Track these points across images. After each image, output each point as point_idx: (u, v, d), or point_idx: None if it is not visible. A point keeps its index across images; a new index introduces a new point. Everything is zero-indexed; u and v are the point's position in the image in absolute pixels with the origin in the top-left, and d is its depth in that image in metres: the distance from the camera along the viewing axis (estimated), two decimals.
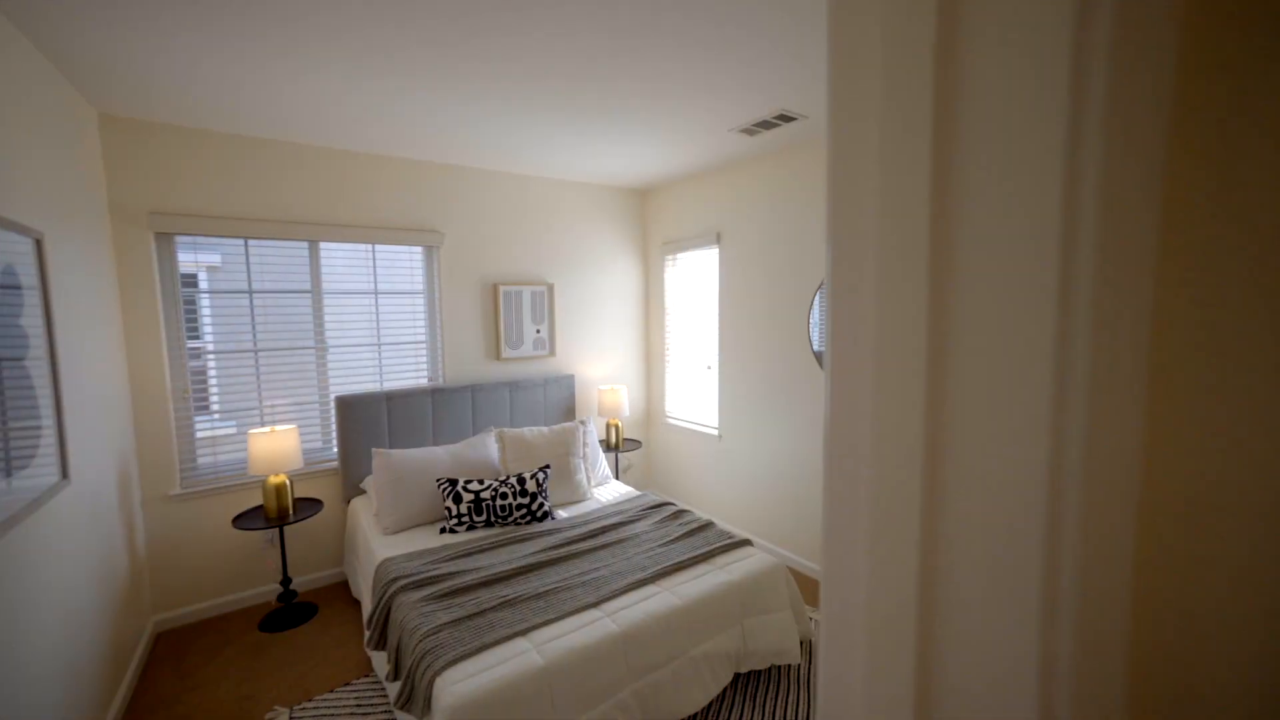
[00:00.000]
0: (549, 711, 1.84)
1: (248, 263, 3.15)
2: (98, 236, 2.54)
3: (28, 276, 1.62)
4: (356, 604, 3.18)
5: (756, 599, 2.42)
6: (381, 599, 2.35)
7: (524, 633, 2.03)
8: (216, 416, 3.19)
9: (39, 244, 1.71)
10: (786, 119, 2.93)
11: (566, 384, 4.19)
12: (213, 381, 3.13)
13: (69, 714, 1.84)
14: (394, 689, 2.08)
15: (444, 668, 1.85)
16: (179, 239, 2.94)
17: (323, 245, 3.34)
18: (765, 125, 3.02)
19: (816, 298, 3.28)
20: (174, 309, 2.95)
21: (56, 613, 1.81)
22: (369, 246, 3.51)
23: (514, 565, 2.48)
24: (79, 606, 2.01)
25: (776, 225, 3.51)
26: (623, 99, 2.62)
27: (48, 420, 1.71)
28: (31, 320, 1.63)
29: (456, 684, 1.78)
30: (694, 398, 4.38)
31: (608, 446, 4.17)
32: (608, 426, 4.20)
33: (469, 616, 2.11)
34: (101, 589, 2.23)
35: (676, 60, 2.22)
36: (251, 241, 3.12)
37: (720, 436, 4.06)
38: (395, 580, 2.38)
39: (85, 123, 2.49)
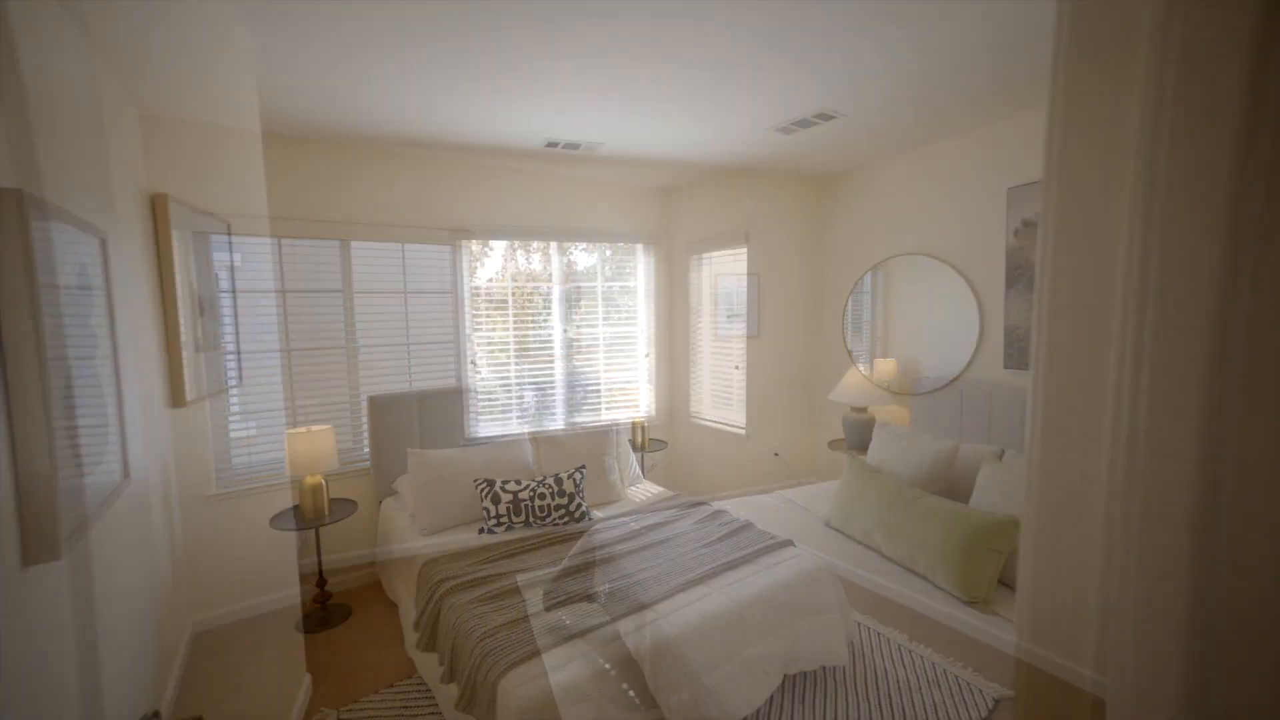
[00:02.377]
0: (612, 713, 1.83)
1: (280, 261, 3.13)
2: (142, 235, 2.52)
3: (96, 277, 1.61)
4: (391, 605, 3.16)
5: (805, 600, 2.41)
6: (430, 600, 2.34)
7: (581, 634, 2.02)
8: (236, 417, 3.17)
9: (104, 244, 1.69)
10: (826, 117, 2.92)
11: (593, 384, 4.18)
12: (231, 382, 3.11)
13: (130, 714, 1.83)
14: (451, 691, 2.07)
15: (506, 669, 1.83)
16: (213, 238, 2.93)
17: (353, 244, 3.32)
18: (803, 124, 3.01)
19: (850, 298, 3.27)
20: (209, 308, 2.93)
21: (121, 613, 1.80)
22: (399, 245, 3.49)
23: (560, 566, 2.47)
24: (137, 606, 1.99)
25: (807, 225, 3.51)
26: (662, 97, 2.60)
27: (111, 419, 1.69)
28: (98, 320, 1.62)
29: (521, 686, 1.77)
30: (719, 397, 4.37)
31: (633, 446, 4.16)
32: (633, 426, 4.19)
33: (524, 618, 2.10)
34: (153, 589, 2.22)
35: (724, 56, 2.20)
36: (285, 240, 3.11)
37: (748, 436, 4.06)
38: (443, 582, 2.37)
39: (129, 120, 2.47)
